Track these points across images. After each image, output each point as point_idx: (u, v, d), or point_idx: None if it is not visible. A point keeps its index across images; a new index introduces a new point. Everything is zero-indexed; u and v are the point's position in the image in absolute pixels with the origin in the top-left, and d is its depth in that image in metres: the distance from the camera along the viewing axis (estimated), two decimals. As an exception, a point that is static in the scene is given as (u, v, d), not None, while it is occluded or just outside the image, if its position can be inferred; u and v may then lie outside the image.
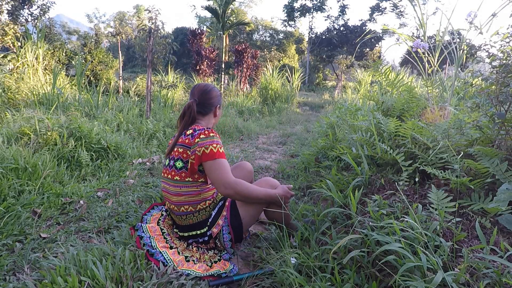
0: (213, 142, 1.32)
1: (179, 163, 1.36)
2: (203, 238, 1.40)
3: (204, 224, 1.40)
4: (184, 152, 1.35)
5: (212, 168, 1.31)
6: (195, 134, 1.35)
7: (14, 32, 6.58)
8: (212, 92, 1.50)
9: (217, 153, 1.31)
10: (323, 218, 1.54)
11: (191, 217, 1.41)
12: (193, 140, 1.34)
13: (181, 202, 1.39)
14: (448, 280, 0.77)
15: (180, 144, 1.37)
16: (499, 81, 1.30)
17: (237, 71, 10.54)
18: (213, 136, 1.34)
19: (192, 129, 1.38)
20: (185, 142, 1.36)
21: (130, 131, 3.65)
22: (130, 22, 32.38)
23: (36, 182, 2.02)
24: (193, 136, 1.35)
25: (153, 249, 1.33)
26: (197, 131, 1.35)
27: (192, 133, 1.36)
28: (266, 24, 27.50)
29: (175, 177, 1.38)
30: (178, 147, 1.38)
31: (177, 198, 1.39)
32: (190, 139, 1.35)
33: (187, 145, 1.35)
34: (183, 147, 1.36)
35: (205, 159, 1.31)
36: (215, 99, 1.51)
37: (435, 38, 2.40)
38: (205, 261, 1.34)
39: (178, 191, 1.38)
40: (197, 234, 1.41)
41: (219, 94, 1.55)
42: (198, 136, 1.33)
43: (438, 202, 1.10)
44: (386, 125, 1.97)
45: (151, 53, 4.17)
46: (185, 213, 1.40)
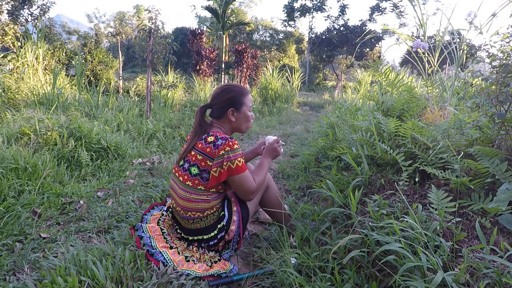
0: (236, 156, 1.28)
1: (195, 170, 1.31)
2: (213, 241, 1.37)
3: (212, 229, 1.37)
4: (203, 161, 1.29)
5: (239, 182, 1.31)
6: (219, 144, 1.27)
7: (14, 32, 6.58)
8: (224, 93, 1.39)
9: (242, 167, 1.30)
10: (323, 218, 1.54)
11: (198, 221, 1.36)
12: (217, 151, 1.27)
13: (188, 207, 1.34)
14: (448, 280, 0.77)
15: (199, 151, 1.30)
16: (499, 81, 1.30)
17: (237, 71, 10.54)
18: (236, 149, 1.29)
19: (214, 136, 1.29)
20: (206, 150, 1.29)
21: (130, 131, 3.65)
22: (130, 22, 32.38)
23: (36, 182, 2.02)
24: (215, 146, 1.27)
25: (153, 249, 1.33)
26: (220, 141, 1.27)
27: (214, 141, 1.28)
28: (266, 24, 27.50)
29: (187, 182, 1.33)
30: (196, 153, 1.31)
31: (185, 203, 1.34)
32: (212, 148, 1.27)
33: (209, 155, 1.28)
34: (203, 155, 1.29)
35: (232, 174, 1.29)
36: (228, 101, 1.38)
37: (435, 38, 2.40)
38: (205, 261, 1.33)
39: (187, 196, 1.34)
40: (204, 238, 1.37)
41: (235, 94, 1.39)
42: (223, 148, 1.26)
43: (438, 202, 1.10)
44: (386, 125, 1.97)
45: (151, 53, 4.17)
46: (192, 218, 1.36)
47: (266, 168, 1.46)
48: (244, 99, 1.40)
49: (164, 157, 3.12)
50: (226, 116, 1.39)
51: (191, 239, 1.40)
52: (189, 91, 8.27)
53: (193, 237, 1.39)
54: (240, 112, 1.40)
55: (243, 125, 1.43)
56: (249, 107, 1.43)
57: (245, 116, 1.42)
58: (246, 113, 1.42)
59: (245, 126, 1.45)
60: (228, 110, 1.38)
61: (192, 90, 8.06)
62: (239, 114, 1.40)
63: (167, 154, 3.32)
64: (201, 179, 1.32)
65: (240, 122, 1.42)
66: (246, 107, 1.41)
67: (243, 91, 1.43)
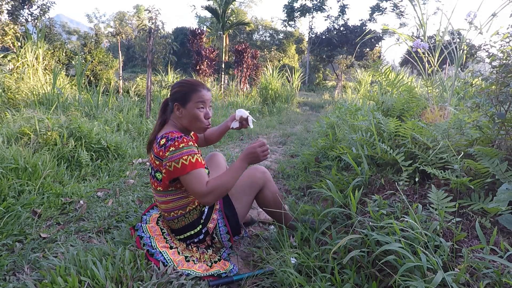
0: (182, 154, 1.22)
1: (159, 175, 1.32)
2: (198, 237, 1.40)
3: (197, 223, 1.39)
4: (160, 165, 1.29)
5: (186, 182, 1.24)
6: (167, 146, 1.24)
7: (14, 32, 6.58)
8: (174, 87, 1.37)
9: (188, 165, 1.22)
10: (323, 218, 1.54)
11: (182, 219, 1.39)
12: (163, 153, 1.25)
13: (169, 208, 1.37)
14: (448, 280, 0.77)
15: (156, 156, 1.29)
16: (499, 81, 1.30)
17: (237, 71, 10.54)
18: (183, 147, 1.23)
19: (165, 138, 1.26)
20: (159, 154, 1.27)
21: (130, 131, 3.65)
22: (130, 22, 32.37)
23: (36, 182, 2.02)
24: (165, 148, 1.24)
25: (153, 249, 1.33)
26: (169, 142, 1.24)
27: (164, 143, 1.25)
28: (266, 24, 27.50)
29: (158, 187, 1.34)
30: (155, 158, 1.30)
31: (164, 205, 1.38)
32: (163, 151, 1.25)
33: (161, 158, 1.27)
34: (158, 160, 1.28)
35: (178, 174, 1.23)
36: (174, 95, 1.35)
37: (435, 38, 2.40)
38: (205, 261, 1.33)
39: (164, 199, 1.36)
40: (192, 234, 1.40)
41: (182, 89, 1.34)
42: (168, 149, 1.23)
43: (438, 202, 1.10)
44: (386, 125, 1.97)
45: (151, 53, 4.17)
46: (176, 217, 1.38)
47: (233, 172, 1.27)
48: (192, 95, 1.31)
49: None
50: (174, 111, 1.36)
51: (182, 237, 1.41)
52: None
53: (183, 235, 1.41)
54: (185, 109, 1.33)
55: (191, 123, 1.35)
56: (198, 105, 1.31)
57: (191, 114, 1.32)
58: (192, 111, 1.31)
59: (195, 125, 1.35)
60: (174, 105, 1.34)
61: (192, 90, 8.05)
62: (184, 110, 1.33)
63: (167, 154, 3.32)
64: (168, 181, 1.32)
65: (187, 120, 1.34)
66: (192, 104, 1.31)
67: (193, 87, 1.33)
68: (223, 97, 8.28)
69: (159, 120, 1.41)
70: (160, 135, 1.31)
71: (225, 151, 3.52)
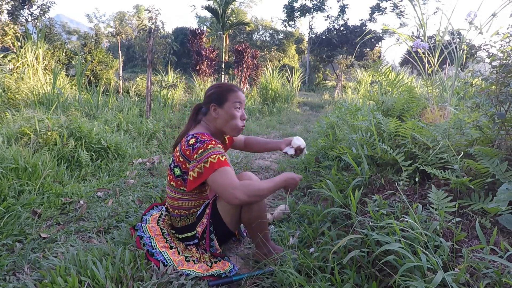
0: (210, 154, 1.20)
1: (177, 171, 1.32)
2: (193, 241, 1.39)
3: (195, 226, 1.38)
4: (184, 163, 1.29)
5: (215, 179, 1.18)
6: (196, 147, 1.23)
7: (14, 32, 6.58)
8: (210, 89, 1.39)
9: (217, 163, 1.19)
10: (323, 218, 1.54)
11: (184, 219, 1.39)
12: (192, 154, 1.23)
13: (175, 205, 1.39)
14: (448, 280, 0.77)
15: (181, 153, 1.29)
16: (499, 81, 1.30)
17: (237, 71, 10.54)
18: (211, 148, 1.21)
19: (195, 139, 1.25)
20: (186, 153, 1.26)
21: (130, 131, 3.65)
22: (130, 22, 32.37)
23: (36, 182, 2.02)
24: (193, 149, 1.23)
25: (153, 249, 1.33)
26: (197, 144, 1.23)
27: (193, 144, 1.24)
28: (266, 24, 27.50)
29: (171, 182, 1.36)
30: (179, 154, 1.30)
31: (171, 201, 1.39)
32: (190, 151, 1.24)
33: (188, 158, 1.26)
34: (183, 158, 1.28)
35: (209, 173, 1.19)
36: (210, 96, 1.36)
37: (435, 38, 2.40)
38: (205, 261, 1.33)
39: (173, 195, 1.38)
40: (188, 237, 1.40)
41: (219, 90, 1.35)
42: (197, 151, 1.22)
43: (438, 202, 1.10)
44: (386, 125, 1.97)
45: (151, 53, 4.17)
46: (179, 216, 1.40)
47: (270, 182, 1.24)
48: (228, 95, 1.33)
49: (164, 157, 3.12)
50: (210, 112, 1.35)
51: (180, 237, 1.42)
52: (189, 91, 8.27)
53: (181, 235, 1.41)
54: (222, 109, 1.32)
55: (227, 123, 1.34)
56: (235, 104, 1.32)
57: (228, 114, 1.32)
58: (230, 110, 1.32)
59: (230, 126, 1.34)
60: (210, 106, 1.34)
61: (192, 90, 8.07)
62: (221, 110, 1.33)
63: (167, 154, 3.32)
64: (183, 180, 1.32)
65: (223, 120, 1.33)
66: (230, 104, 1.32)
67: (230, 87, 1.36)
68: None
69: (189, 125, 1.40)
70: (191, 134, 1.29)
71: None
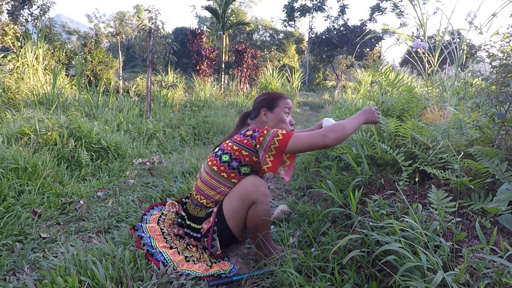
0: (275, 132, 1.27)
1: (226, 157, 1.34)
2: (196, 234, 1.38)
3: (202, 221, 1.38)
4: (238, 151, 1.31)
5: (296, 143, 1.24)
6: (256, 136, 1.29)
7: (14, 32, 6.57)
8: (261, 96, 1.52)
9: (286, 133, 1.26)
10: (323, 218, 1.54)
11: (198, 209, 1.39)
12: (256, 141, 1.28)
13: (201, 191, 1.39)
14: (448, 280, 0.77)
15: (236, 142, 1.33)
16: (499, 81, 1.30)
17: (237, 71, 10.54)
18: (270, 130, 1.29)
19: (252, 130, 1.32)
20: (243, 142, 1.31)
21: (130, 131, 3.65)
22: (130, 22, 32.36)
23: (36, 182, 2.02)
24: (252, 137, 1.29)
25: (153, 249, 1.33)
26: (256, 133, 1.29)
27: (252, 134, 1.30)
28: (266, 24, 27.49)
29: (214, 166, 1.36)
30: (233, 144, 1.34)
31: (202, 185, 1.39)
32: (249, 140, 1.30)
33: (246, 146, 1.30)
34: (239, 146, 1.32)
35: (285, 143, 1.23)
36: (261, 102, 1.48)
37: (435, 38, 2.40)
38: (205, 260, 1.33)
39: (208, 180, 1.37)
40: (194, 227, 1.40)
41: (269, 96, 1.48)
42: (261, 136, 1.27)
43: (438, 202, 1.10)
44: (386, 125, 1.97)
45: (151, 53, 4.17)
46: (200, 205, 1.39)
47: (351, 119, 1.33)
48: (278, 101, 1.46)
49: (164, 157, 3.12)
50: (259, 116, 1.46)
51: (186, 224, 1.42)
52: (189, 91, 8.27)
53: (189, 222, 1.41)
54: (273, 113, 1.44)
55: (276, 127, 1.41)
56: (284, 110, 1.44)
57: (278, 117, 1.43)
58: (279, 114, 1.44)
59: (281, 128, 1.40)
60: (261, 110, 1.45)
61: (192, 90, 8.07)
62: (272, 114, 1.44)
63: (167, 154, 3.32)
64: (228, 166, 1.33)
65: (273, 124, 1.43)
66: (280, 109, 1.44)
67: (280, 95, 1.49)
68: (223, 97, 8.28)
69: (237, 130, 1.48)
70: (245, 129, 1.37)
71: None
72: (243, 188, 1.30)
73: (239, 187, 1.32)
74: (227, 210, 1.31)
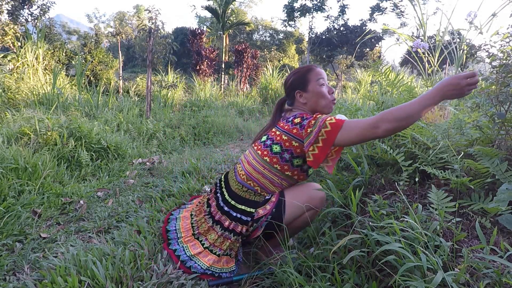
0: (324, 120, 1.14)
1: (276, 148, 1.24)
2: (246, 217, 1.27)
3: (257, 206, 1.29)
4: (288, 141, 1.22)
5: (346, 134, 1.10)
6: (304, 125, 1.17)
7: (14, 32, 6.58)
8: (288, 78, 1.35)
9: (336, 122, 1.12)
10: (323, 218, 1.54)
11: (251, 193, 1.30)
12: (304, 131, 1.17)
13: (253, 177, 1.29)
14: (448, 280, 0.77)
15: (285, 131, 1.23)
16: (499, 81, 1.30)
17: (237, 71, 10.54)
18: (320, 117, 1.16)
19: (300, 118, 1.20)
20: (293, 131, 1.20)
21: (130, 131, 3.65)
22: (130, 22, 32.36)
23: (36, 182, 2.02)
24: (301, 126, 1.18)
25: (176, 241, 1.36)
26: (305, 121, 1.18)
27: (300, 122, 1.19)
28: (266, 24, 27.50)
29: (265, 157, 1.26)
30: (282, 133, 1.24)
31: (254, 172, 1.29)
32: (298, 129, 1.19)
33: (296, 136, 1.20)
34: (288, 136, 1.22)
35: (335, 134, 1.11)
36: (291, 85, 1.32)
37: (435, 38, 2.40)
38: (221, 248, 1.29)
39: (260, 169, 1.28)
40: (244, 210, 1.28)
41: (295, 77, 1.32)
42: (308, 126, 1.16)
43: (438, 202, 1.10)
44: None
45: (151, 53, 4.17)
46: (248, 187, 1.30)
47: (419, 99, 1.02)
48: (308, 75, 1.30)
49: (164, 157, 3.12)
50: (296, 100, 1.32)
51: (232, 203, 1.30)
52: (189, 91, 8.28)
53: (235, 203, 1.30)
54: (308, 92, 1.29)
55: (318, 103, 1.28)
56: (318, 82, 1.28)
57: (315, 93, 1.28)
58: (315, 89, 1.28)
59: (323, 104, 1.29)
60: (296, 93, 1.31)
61: (192, 90, 8.07)
62: (307, 94, 1.29)
63: (167, 154, 3.32)
64: (280, 158, 1.24)
65: (312, 102, 1.29)
66: (314, 83, 1.28)
67: (307, 68, 1.32)
68: (223, 97, 8.28)
69: (274, 119, 1.36)
70: (292, 115, 1.25)
71: (225, 151, 3.52)
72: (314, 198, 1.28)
73: (311, 193, 1.29)
74: (289, 208, 1.26)
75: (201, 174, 2.47)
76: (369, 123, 1.06)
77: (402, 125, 1.04)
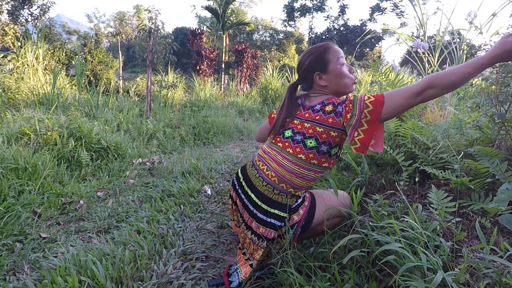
0: (361, 99, 1.06)
1: (311, 142, 1.13)
2: (280, 223, 1.16)
3: (290, 211, 1.19)
4: (325, 133, 1.11)
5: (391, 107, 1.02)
6: (340, 111, 1.09)
7: (14, 32, 6.58)
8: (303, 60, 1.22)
9: (375, 97, 1.04)
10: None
11: (284, 196, 1.18)
12: (343, 118, 1.09)
13: (286, 179, 1.16)
14: (448, 280, 0.77)
15: (319, 123, 1.12)
16: (499, 81, 1.30)
17: (237, 71, 10.54)
18: (355, 97, 1.08)
19: (332, 105, 1.12)
20: (328, 121, 1.10)
21: (130, 131, 3.65)
22: (130, 22, 32.37)
23: (36, 182, 2.02)
24: (337, 114, 1.09)
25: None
26: (339, 107, 1.09)
27: (334, 110, 1.10)
28: (266, 24, 27.51)
29: (300, 155, 1.14)
30: (315, 125, 1.12)
31: (286, 173, 1.16)
32: (334, 118, 1.10)
33: (334, 125, 1.10)
34: (324, 127, 1.11)
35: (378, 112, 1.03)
36: (308, 67, 1.20)
37: (435, 38, 2.40)
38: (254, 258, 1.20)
39: (294, 169, 1.15)
40: (277, 215, 1.16)
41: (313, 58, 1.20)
42: (347, 111, 1.07)
43: (438, 202, 1.10)
44: (386, 125, 1.97)
45: (151, 53, 4.17)
46: (281, 190, 1.17)
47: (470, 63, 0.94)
48: (327, 55, 1.18)
49: (164, 157, 3.12)
50: (315, 83, 1.21)
51: (264, 208, 1.17)
52: (189, 91, 8.28)
53: (267, 207, 1.17)
54: (328, 73, 1.18)
55: (339, 85, 1.19)
56: (339, 61, 1.18)
57: (336, 74, 1.17)
58: (336, 70, 1.17)
59: (344, 85, 1.19)
60: (315, 75, 1.19)
61: (192, 90, 8.08)
62: (328, 75, 1.18)
63: (167, 154, 3.32)
64: (317, 152, 1.14)
65: (334, 84, 1.19)
66: (334, 63, 1.18)
67: (324, 47, 1.20)
68: (223, 97, 8.29)
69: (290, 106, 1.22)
70: (318, 103, 1.16)
71: (225, 151, 3.52)
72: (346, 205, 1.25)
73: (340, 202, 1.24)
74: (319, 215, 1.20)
75: (201, 174, 2.47)
76: (414, 91, 0.99)
77: (449, 91, 0.99)
